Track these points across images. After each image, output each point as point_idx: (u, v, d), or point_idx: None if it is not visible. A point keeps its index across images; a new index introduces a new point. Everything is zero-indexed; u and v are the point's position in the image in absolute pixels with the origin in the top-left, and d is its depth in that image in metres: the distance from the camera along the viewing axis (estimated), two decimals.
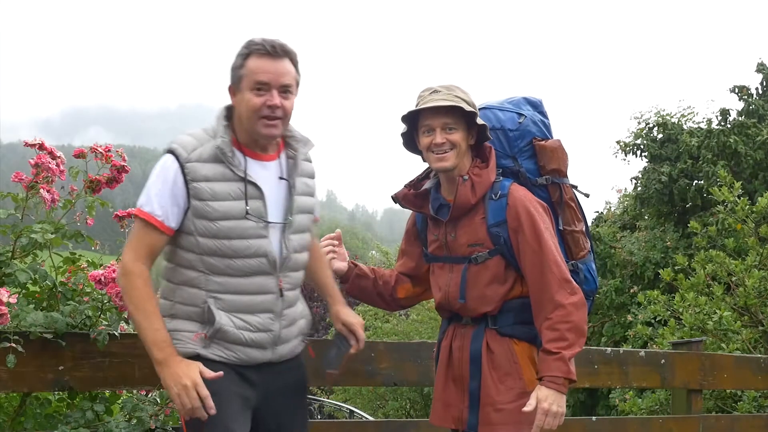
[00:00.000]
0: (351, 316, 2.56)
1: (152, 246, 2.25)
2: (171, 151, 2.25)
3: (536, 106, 2.73)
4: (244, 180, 2.26)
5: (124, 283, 2.23)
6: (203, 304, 2.26)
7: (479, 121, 2.48)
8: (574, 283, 2.44)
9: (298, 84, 2.34)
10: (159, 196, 2.23)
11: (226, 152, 2.25)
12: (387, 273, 2.78)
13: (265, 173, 2.34)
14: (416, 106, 2.49)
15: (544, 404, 2.34)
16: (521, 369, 2.47)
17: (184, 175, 2.22)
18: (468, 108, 2.43)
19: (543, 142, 2.63)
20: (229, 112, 2.34)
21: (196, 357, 2.25)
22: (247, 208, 2.25)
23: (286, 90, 2.28)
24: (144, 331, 2.20)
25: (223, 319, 2.25)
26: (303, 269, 2.46)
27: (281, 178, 2.37)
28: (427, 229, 2.65)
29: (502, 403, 2.44)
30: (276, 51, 2.26)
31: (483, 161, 2.53)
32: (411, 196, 2.62)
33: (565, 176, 2.66)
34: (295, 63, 2.32)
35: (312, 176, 2.50)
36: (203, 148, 2.26)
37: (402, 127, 2.57)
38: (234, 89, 2.31)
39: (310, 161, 2.50)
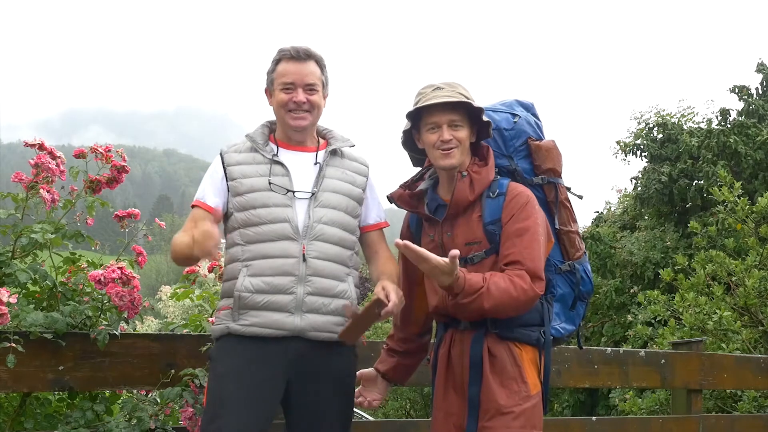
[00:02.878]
0: (393, 285, 2.47)
1: (195, 219, 2.48)
2: (220, 151, 2.63)
3: (528, 108, 2.73)
4: (271, 160, 2.54)
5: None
6: (237, 274, 2.46)
7: (485, 117, 2.47)
8: (544, 283, 2.40)
9: (324, 83, 2.61)
10: (203, 183, 2.59)
11: (257, 140, 2.58)
12: (399, 335, 2.75)
13: (297, 158, 2.58)
14: (418, 103, 2.47)
15: (435, 259, 2.27)
16: (524, 372, 2.43)
17: (223, 162, 2.57)
18: (475, 104, 2.43)
19: (538, 142, 2.63)
20: (272, 122, 2.68)
21: (226, 332, 2.45)
22: (270, 178, 2.51)
23: (310, 88, 2.55)
24: (181, 250, 2.40)
25: (243, 284, 2.43)
26: (337, 245, 2.53)
27: (316, 162, 2.59)
28: (421, 231, 2.63)
29: (506, 407, 2.39)
30: (300, 55, 2.54)
31: (481, 160, 2.53)
32: (406, 196, 2.60)
33: (560, 176, 2.66)
34: (320, 65, 2.59)
35: (359, 173, 2.67)
36: (243, 144, 2.61)
37: (404, 124, 2.56)
38: (269, 91, 2.61)
39: (365, 164, 2.70)
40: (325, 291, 2.47)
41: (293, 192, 2.50)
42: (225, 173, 2.55)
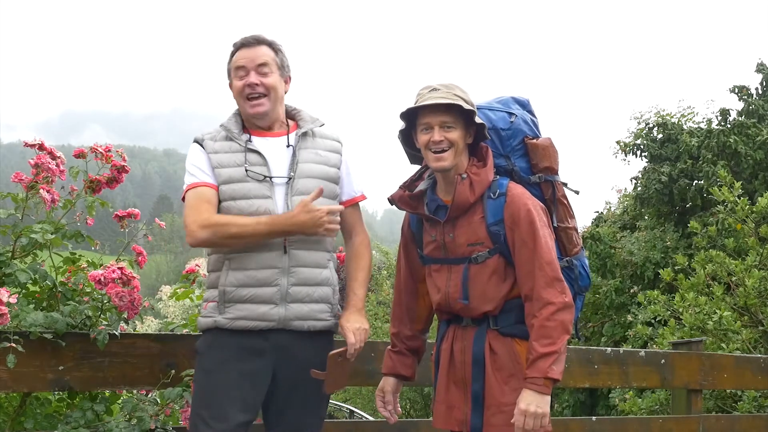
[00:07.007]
0: (350, 321, 2.53)
1: (207, 198, 2.49)
2: (194, 139, 2.62)
3: (524, 105, 2.73)
4: (246, 148, 2.54)
5: (209, 233, 2.43)
6: (221, 267, 2.48)
7: (478, 119, 2.48)
8: (565, 283, 2.44)
9: (280, 65, 2.59)
10: (193, 170, 2.54)
11: (231, 128, 2.58)
12: (406, 333, 2.73)
13: (270, 144, 2.58)
14: (415, 103, 2.48)
15: (521, 404, 2.35)
16: (525, 369, 2.46)
17: (205, 150, 2.56)
18: (467, 106, 2.44)
19: (535, 141, 2.63)
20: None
21: (213, 326, 2.47)
22: (246, 166, 2.50)
23: (262, 69, 2.54)
24: (252, 231, 2.42)
25: (228, 279, 2.45)
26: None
27: (288, 145, 2.58)
28: (422, 230, 2.64)
29: (507, 404, 2.42)
30: (249, 41, 2.57)
31: (480, 161, 2.53)
32: (406, 197, 2.61)
33: (557, 174, 2.67)
34: (273, 48, 2.59)
35: (332, 150, 2.66)
36: (218, 132, 2.61)
37: (400, 125, 2.57)
38: (230, 84, 2.61)
39: (337, 141, 2.68)
40: (309, 280, 2.50)
41: (270, 178, 2.50)
42: (209, 160, 2.53)
